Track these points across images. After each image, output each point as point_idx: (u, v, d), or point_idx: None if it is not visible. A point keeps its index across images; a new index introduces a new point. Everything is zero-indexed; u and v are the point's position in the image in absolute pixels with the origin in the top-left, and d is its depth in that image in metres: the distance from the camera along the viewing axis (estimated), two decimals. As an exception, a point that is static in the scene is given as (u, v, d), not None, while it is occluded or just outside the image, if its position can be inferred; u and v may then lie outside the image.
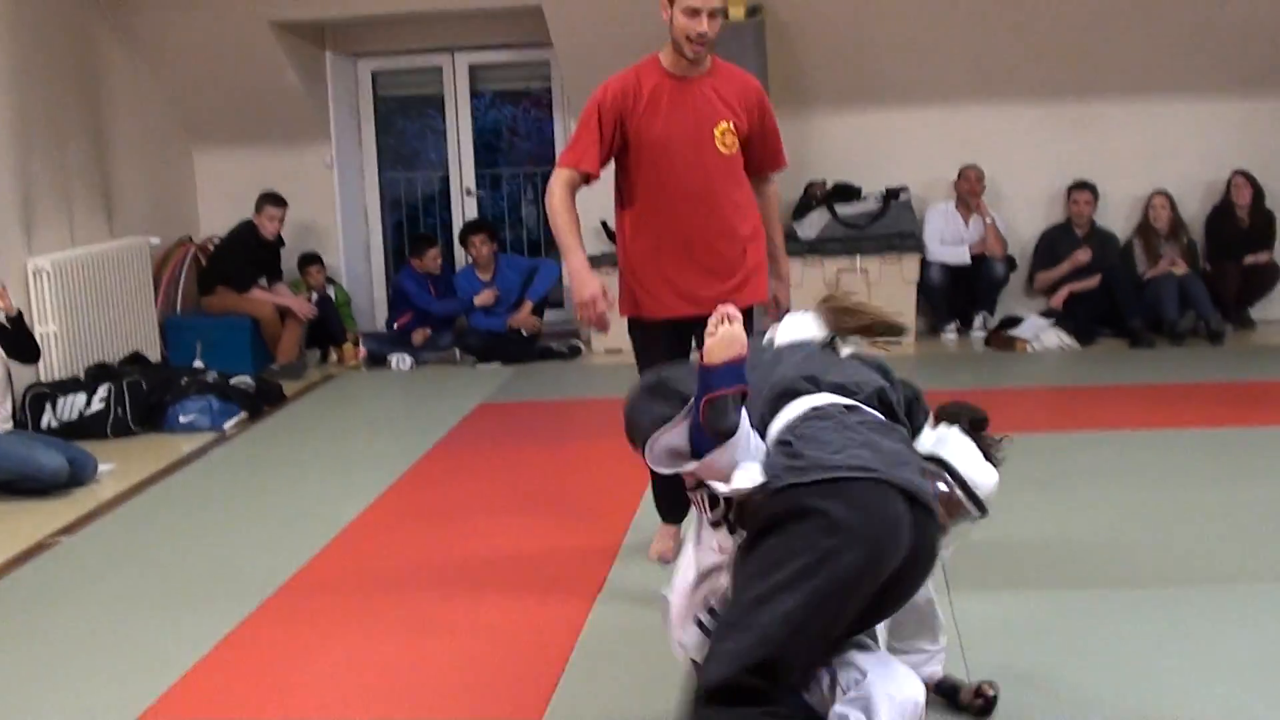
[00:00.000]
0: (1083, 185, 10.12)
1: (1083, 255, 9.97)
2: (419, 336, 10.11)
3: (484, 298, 10.11)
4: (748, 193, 4.92)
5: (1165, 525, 5.60)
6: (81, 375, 8.31)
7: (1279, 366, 8.93)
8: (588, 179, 4.86)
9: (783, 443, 3.29)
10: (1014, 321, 9.98)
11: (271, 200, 9.90)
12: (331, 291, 10.36)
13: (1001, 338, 9.86)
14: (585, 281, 4.77)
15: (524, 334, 10.04)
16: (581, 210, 4.89)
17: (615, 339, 9.86)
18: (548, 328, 10.45)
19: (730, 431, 3.21)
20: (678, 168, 4.77)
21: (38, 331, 8.11)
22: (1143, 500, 5.94)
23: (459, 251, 10.85)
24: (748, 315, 4.73)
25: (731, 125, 4.79)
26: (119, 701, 4.18)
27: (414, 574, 5.34)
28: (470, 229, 10.36)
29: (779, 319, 4.20)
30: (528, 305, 10.08)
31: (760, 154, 4.94)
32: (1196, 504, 5.85)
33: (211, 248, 10.28)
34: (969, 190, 10.15)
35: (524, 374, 9.55)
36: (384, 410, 8.98)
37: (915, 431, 3.60)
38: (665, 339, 4.90)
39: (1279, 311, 10.29)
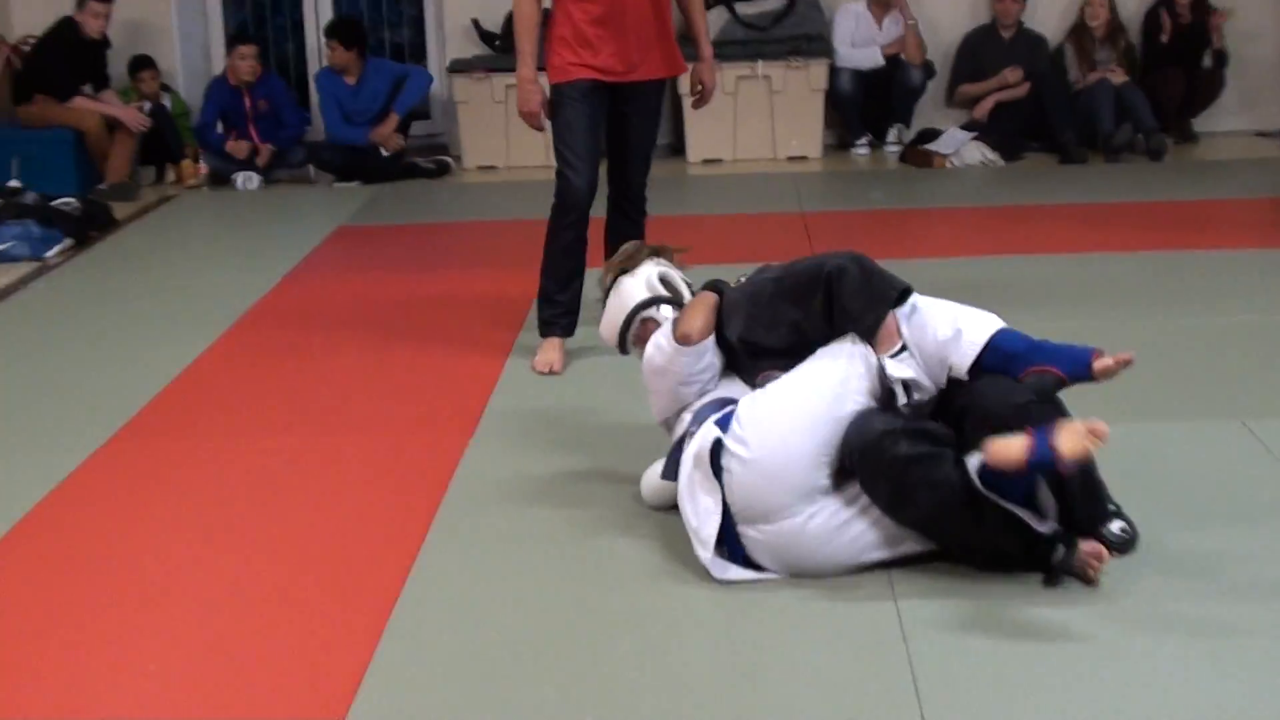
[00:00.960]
0: (1010, -19, 9.98)
1: (1013, 75, 9.86)
2: (264, 153, 9.85)
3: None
4: None
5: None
6: (-118, 197, 8.05)
7: (1223, 184, 9.00)
8: None
9: None
10: (932, 135, 9.90)
11: (95, -8, 9.59)
12: (167, 101, 10.11)
13: (918, 153, 9.79)
14: (530, 95, 5.57)
15: (385, 153, 9.78)
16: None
17: (490, 155, 9.83)
18: (415, 141, 10.24)
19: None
20: None
21: None
22: (1073, 330, 5.78)
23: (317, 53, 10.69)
24: (668, 84, 6.02)
25: None
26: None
27: (266, 416, 5.32)
28: (325, 32, 10.10)
29: (705, 98, 5.78)
30: (393, 119, 9.78)
31: None
32: (1131, 334, 5.74)
33: (27, 49, 9.97)
34: (888, -14, 9.98)
35: (387, 194, 9.45)
36: (229, 236, 8.92)
37: None
38: (590, 104, 5.53)
39: (1224, 124, 10.30)
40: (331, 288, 7.13)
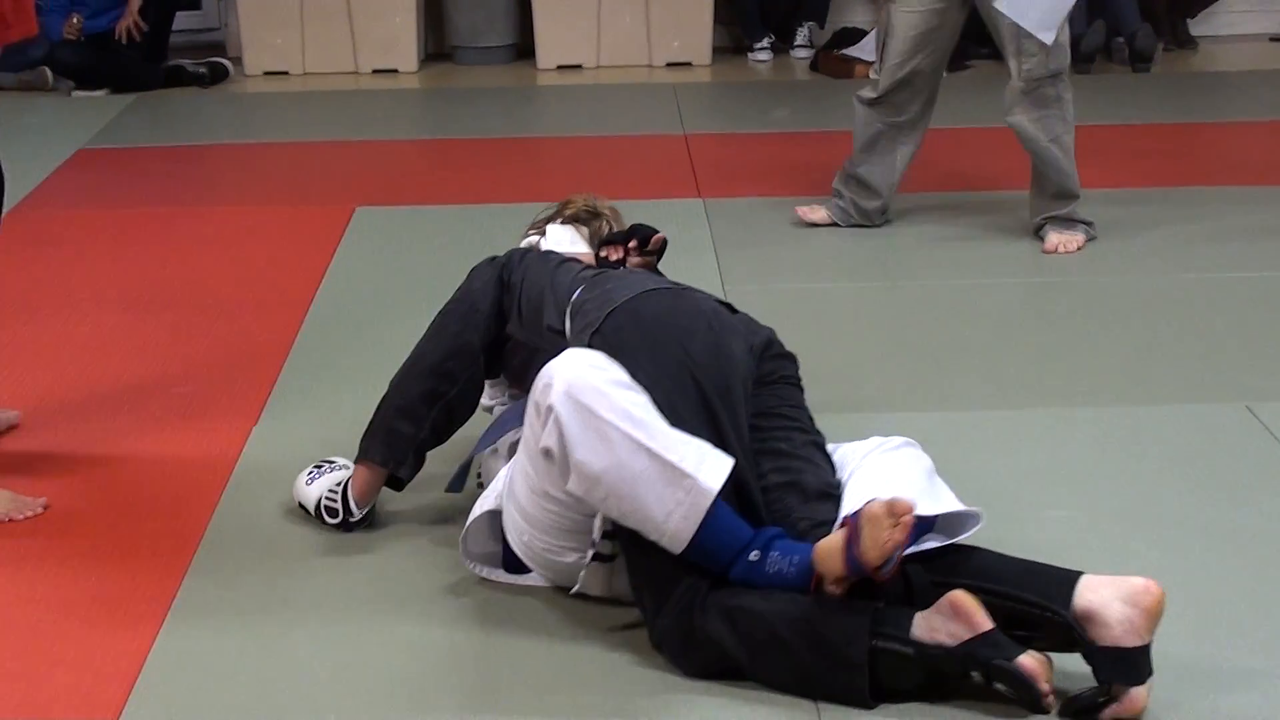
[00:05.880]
0: None
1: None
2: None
3: None
4: None
5: (1055, 323, 5.65)
6: None
7: (1228, 103, 9.10)
8: None
9: None
10: (853, 36, 9.96)
11: None
12: None
13: (835, 59, 9.86)
14: None
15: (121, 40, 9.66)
16: None
17: (280, 57, 9.81)
18: (181, 38, 10.18)
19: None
20: None
21: None
22: (1029, 296, 5.97)
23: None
24: None
25: None
26: None
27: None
28: None
29: None
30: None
31: None
32: (1106, 293, 5.91)
33: None
34: None
35: (144, 105, 9.43)
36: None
37: None
38: None
39: (1230, 26, 10.43)
40: (66, 230, 7.03)
